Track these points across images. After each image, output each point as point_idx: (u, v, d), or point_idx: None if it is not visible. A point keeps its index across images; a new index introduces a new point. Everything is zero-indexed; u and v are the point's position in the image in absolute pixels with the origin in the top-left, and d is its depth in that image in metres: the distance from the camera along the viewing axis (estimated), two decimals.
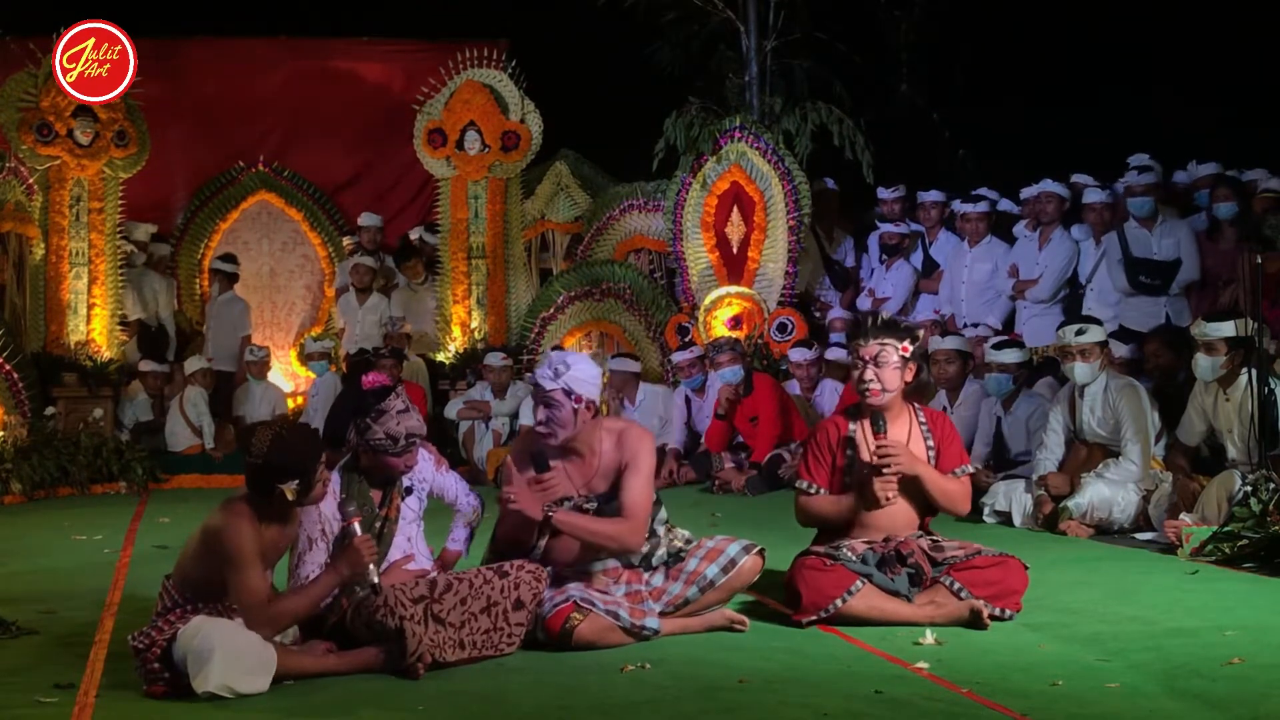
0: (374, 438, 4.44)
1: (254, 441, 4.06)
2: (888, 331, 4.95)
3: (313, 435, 4.23)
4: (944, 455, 5.00)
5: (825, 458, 5.02)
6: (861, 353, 4.93)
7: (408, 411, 4.48)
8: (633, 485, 4.60)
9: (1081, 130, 11.56)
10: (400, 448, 4.48)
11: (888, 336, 4.92)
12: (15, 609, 5.05)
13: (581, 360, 4.70)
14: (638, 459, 4.63)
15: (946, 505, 4.98)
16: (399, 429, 4.45)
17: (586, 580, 4.62)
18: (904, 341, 4.93)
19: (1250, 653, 4.19)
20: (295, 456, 4.04)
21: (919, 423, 5.03)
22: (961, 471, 5.01)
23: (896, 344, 4.91)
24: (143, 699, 3.90)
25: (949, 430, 5.10)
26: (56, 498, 9.60)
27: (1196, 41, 11.31)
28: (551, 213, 12.19)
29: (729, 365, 9.59)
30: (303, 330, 12.73)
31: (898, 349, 4.91)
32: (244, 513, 4.05)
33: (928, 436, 5.01)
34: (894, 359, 4.90)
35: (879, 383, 4.89)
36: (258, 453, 4.03)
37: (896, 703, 3.74)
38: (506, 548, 4.66)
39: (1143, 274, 8.77)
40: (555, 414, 4.59)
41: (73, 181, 10.86)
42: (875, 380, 4.89)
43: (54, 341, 10.77)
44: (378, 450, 4.46)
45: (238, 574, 4.00)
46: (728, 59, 11.53)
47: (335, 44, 13.31)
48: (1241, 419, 6.52)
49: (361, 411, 4.46)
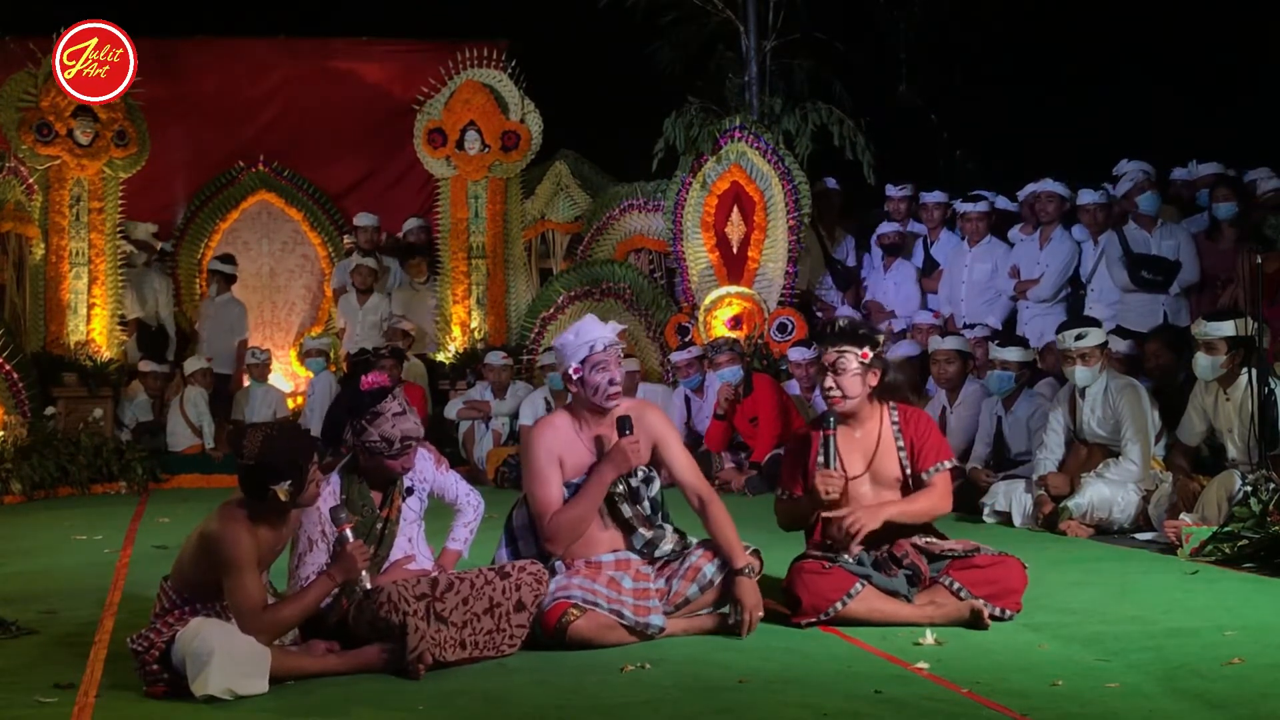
0: (369, 439, 4.41)
1: (245, 443, 4.04)
2: (845, 339, 4.95)
3: (303, 435, 4.20)
4: (920, 454, 4.97)
5: (797, 465, 5.05)
6: (822, 360, 4.97)
7: (404, 414, 4.45)
8: (683, 461, 4.82)
9: (1081, 130, 11.55)
10: (395, 450, 4.44)
11: (845, 344, 4.93)
12: (15, 609, 5.06)
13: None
14: (666, 435, 4.82)
15: (928, 519, 4.98)
16: (394, 432, 4.41)
17: (595, 570, 4.62)
18: (863, 348, 4.94)
19: (1250, 653, 4.19)
20: (286, 457, 4.02)
21: (891, 423, 5.02)
22: (939, 468, 4.96)
23: (856, 350, 4.92)
24: (143, 699, 3.90)
25: (924, 426, 5.05)
26: (56, 498, 9.60)
27: (1196, 41, 11.30)
28: (551, 213, 12.20)
29: (728, 365, 9.59)
30: (303, 330, 12.73)
31: (857, 355, 4.92)
32: (239, 517, 4.04)
33: (899, 437, 5.00)
34: (853, 365, 4.92)
35: (839, 389, 4.93)
36: (249, 454, 4.01)
37: (896, 703, 3.74)
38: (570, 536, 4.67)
39: (1145, 270, 8.76)
40: (620, 371, 4.74)
41: (73, 181, 10.87)
42: (835, 388, 4.93)
43: (54, 341, 10.78)
44: (373, 452, 4.44)
45: (233, 580, 3.99)
46: (727, 59, 11.53)
47: (335, 44, 13.31)
48: (1241, 419, 6.52)
49: (357, 413, 4.44)
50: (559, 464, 4.69)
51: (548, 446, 4.71)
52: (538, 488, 4.69)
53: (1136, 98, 11.49)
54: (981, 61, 12.00)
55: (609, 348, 4.69)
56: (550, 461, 4.68)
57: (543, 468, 4.68)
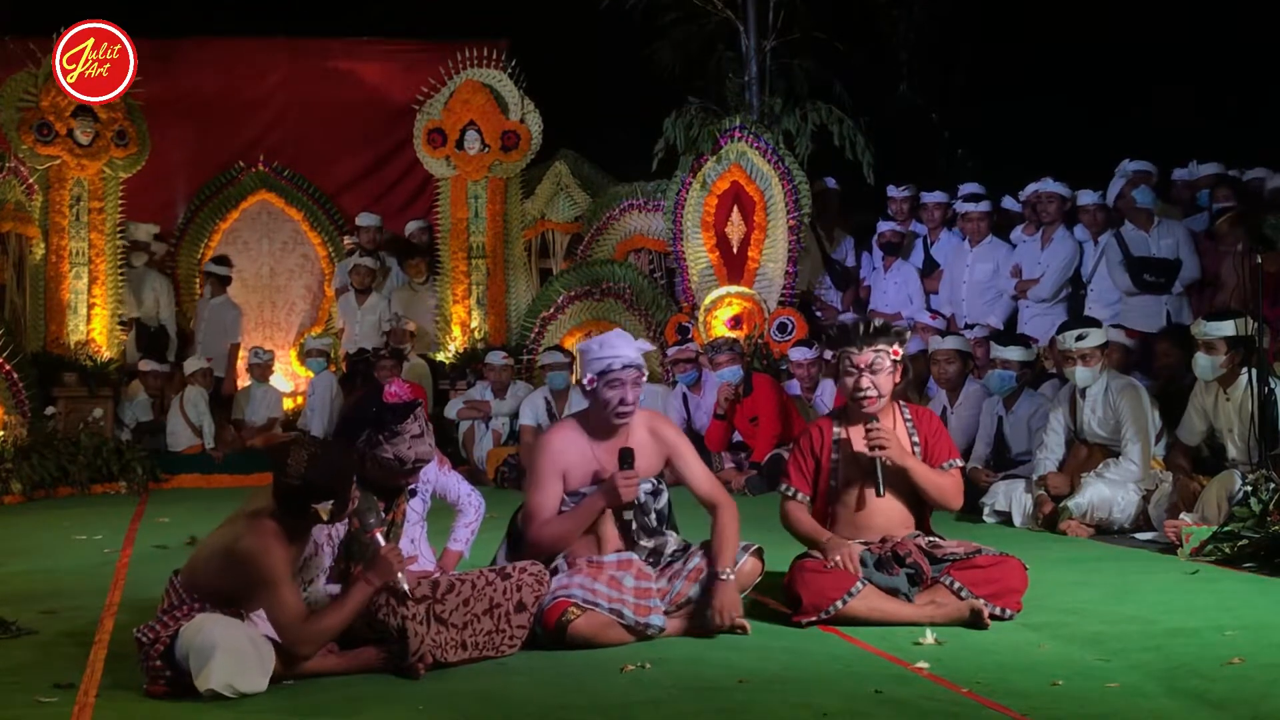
0: (383, 455, 4.37)
1: (290, 462, 3.94)
2: (881, 337, 4.93)
3: (348, 455, 4.16)
4: (932, 451, 5.00)
5: (809, 463, 5.03)
6: (856, 361, 4.90)
7: (422, 436, 4.40)
8: (698, 472, 4.81)
9: (1081, 130, 11.56)
10: (406, 470, 4.43)
11: (881, 342, 4.92)
12: (15, 609, 5.05)
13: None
14: (679, 447, 4.84)
15: (938, 498, 4.97)
16: (409, 453, 4.38)
17: (598, 569, 4.61)
18: (894, 345, 4.94)
19: (1250, 653, 4.19)
20: (332, 477, 3.97)
21: (904, 420, 5.04)
22: (950, 465, 5.00)
23: (889, 349, 4.92)
24: (143, 699, 3.90)
25: (935, 426, 5.10)
26: (56, 498, 9.60)
27: (1196, 41, 11.31)
28: (551, 213, 12.20)
29: (729, 365, 9.59)
30: (303, 330, 12.74)
31: (889, 353, 4.92)
32: (274, 532, 3.98)
33: (913, 434, 5.01)
34: (887, 364, 4.91)
35: (875, 389, 4.90)
36: (294, 473, 3.93)
37: (896, 703, 3.74)
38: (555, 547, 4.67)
39: (1147, 272, 8.77)
40: (635, 393, 4.72)
41: (73, 181, 10.87)
42: (872, 388, 4.89)
43: (54, 341, 10.77)
44: (383, 466, 4.41)
45: (273, 595, 3.94)
46: (727, 59, 11.53)
47: (335, 44, 13.32)
48: (1241, 419, 6.52)
49: (379, 426, 4.38)
50: (562, 476, 4.71)
51: (555, 456, 4.72)
52: (535, 493, 4.71)
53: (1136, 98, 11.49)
54: (981, 61, 12.00)
55: (627, 367, 4.67)
56: (554, 472, 4.69)
57: (545, 475, 4.69)
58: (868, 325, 4.97)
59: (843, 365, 4.96)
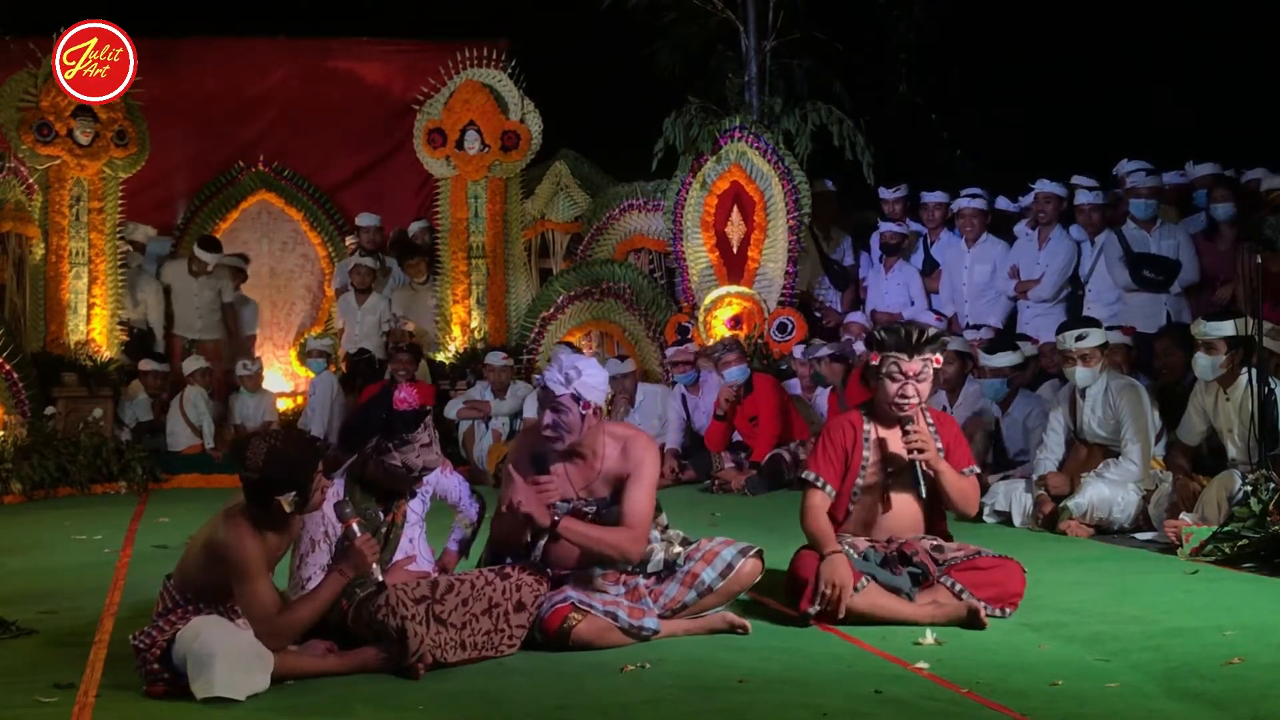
0: (390, 461, 4.38)
1: (248, 455, 4.01)
2: (930, 346, 4.92)
3: (308, 445, 4.17)
4: (953, 456, 5.00)
5: (838, 456, 4.99)
6: (905, 369, 4.88)
7: (430, 445, 4.42)
8: (636, 495, 4.60)
9: (1080, 130, 11.55)
10: (411, 478, 4.44)
11: (930, 351, 4.92)
12: (15, 609, 5.05)
13: (591, 365, 4.69)
14: (641, 469, 4.63)
15: (960, 502, 4.98)
16: (417, 462, 4.39)
17: (585, 584, 4.62)
18: (938, 354, 4.96)
19: (1250, 653, 4.19)
20: (291, 469, 4.01)
21: (927, 423, 5.04)
22: (969, 472, 5.02)
23: (934, 357, 4.94)
24: (143, 699, 3.91)
25: (954, 429, 5.14)
26: (56, 498, 9.59)
27: (1196, 42, 11.30)
28: (551, 213, 12.20)
29: (735, 365, 9.59)
30: (303, 330, 12.74)
31: (934, 362, 4.95)
32: (245, 524, 4.02)
33: (936, 439, 5.01)
34: (931, 373, 4.95)
35: (919, 397, 4.92)
36: (253, 467, 3.99)
37: (896, 703, 3.75)
38: (502, 548, 4.67)
39: (1146, 269, 8.77)
40: (563, 419, 4.59)
41: (73, 181, 10.86)
42: (916, 395, 4.90)
43: (54, 341, 10.76)
44: (389, 472, 4.42)
45: (246, 587, 3.98)
46: (727, 59, 11.53)
47: (335, 44, 13.31)
48: (1241, 419, 6.52)
49: (389, 433, 4.38)
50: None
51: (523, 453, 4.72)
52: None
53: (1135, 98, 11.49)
54: (980, 62, 11.99)
55: (558, 393, 4.57)
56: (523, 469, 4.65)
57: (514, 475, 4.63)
58: (921, 333, 4.93)
59: (887, 369, 4.92)
